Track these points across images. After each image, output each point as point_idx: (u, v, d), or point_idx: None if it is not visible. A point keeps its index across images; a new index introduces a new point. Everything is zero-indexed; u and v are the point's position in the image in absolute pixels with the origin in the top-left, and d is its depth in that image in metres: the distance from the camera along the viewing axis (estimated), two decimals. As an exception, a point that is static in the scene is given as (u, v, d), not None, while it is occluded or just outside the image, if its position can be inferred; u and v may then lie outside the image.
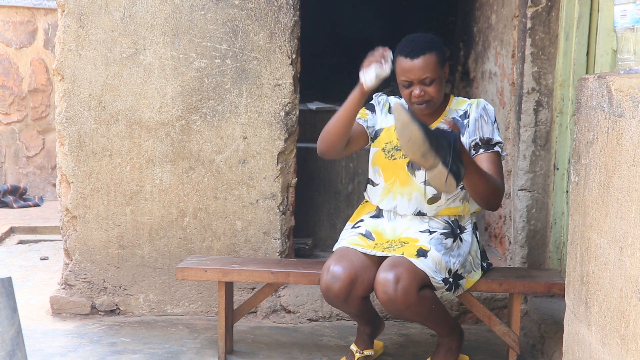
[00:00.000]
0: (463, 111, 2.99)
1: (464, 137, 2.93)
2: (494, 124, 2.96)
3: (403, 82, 2.90)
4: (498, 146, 2.94)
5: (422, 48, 2.87)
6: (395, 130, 2.77)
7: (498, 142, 2.94)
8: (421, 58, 2.85)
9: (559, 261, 3.58)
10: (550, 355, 3.16)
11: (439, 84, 2.89)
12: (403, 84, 2.90)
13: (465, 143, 2.92)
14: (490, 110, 2.98)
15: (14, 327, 1.98)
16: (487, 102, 3.01)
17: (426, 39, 2.92)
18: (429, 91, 2.87)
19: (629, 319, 1.75)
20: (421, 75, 2.85)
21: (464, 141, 2.92)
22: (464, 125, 2.95)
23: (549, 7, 3.51)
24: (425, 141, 2.54)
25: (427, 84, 2.87)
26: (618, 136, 1.85)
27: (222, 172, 3.67)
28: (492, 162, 2.91)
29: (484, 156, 2.92)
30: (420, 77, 2.86)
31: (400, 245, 2.90)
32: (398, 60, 2.90)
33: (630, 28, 2.04)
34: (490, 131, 2.94)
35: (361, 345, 3.13)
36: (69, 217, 3.72)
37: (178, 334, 3.53)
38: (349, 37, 5.97)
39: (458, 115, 2.98)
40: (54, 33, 6.64)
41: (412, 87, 2.88)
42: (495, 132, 2.95)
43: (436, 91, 2.88)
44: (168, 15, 3.60)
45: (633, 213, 1.75)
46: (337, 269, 2.82)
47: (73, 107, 3.65)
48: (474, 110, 2.97)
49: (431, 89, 2.87)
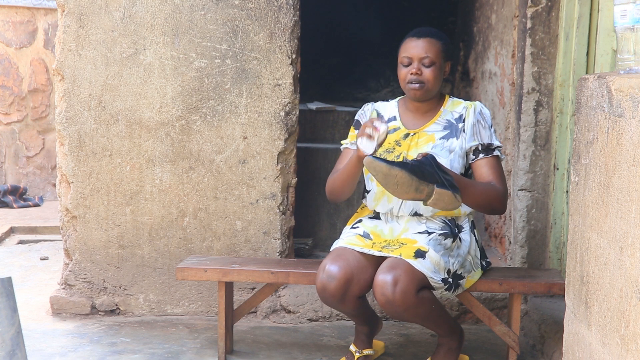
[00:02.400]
0: (458, 114, 3.00)
1: (459, 140, 2.94)
2: (491, 129, 2.99)
3: (403, 60, 2.96)
4: (497, 150, 2.97)
5: (430, 33, 2.98)
6: (379, 184, 2.83)
7: (497, 146, 2.97)
8: (427, 39, 2.95)
9: (559, 261, 3.58)
10: (550, 355, 3.16)
11: (437, 71, 2.94)
12: (403, 62, 2.96)
13: (461, 147, 2.95)
14: (487, 115, 3.01)
15: (14, 327, 1.98)
16: (483, 106, 3.03)
17: (436, 30, 3.03)
18: (425, 72, 2.93)
19: (629, 319, 1.75)
20: (422, 54, 2.92)
21: (460, 145, 2.95)
22: (458, 128, 2.96)
23: (549, 7, 3.51)
24: (412, 177, 2.64)
25: (425, 65, 2.93)
26: (618, 136, 1.85)
27: (222, 172, 3.67)
28: (492, 166, 2.95)
29: (484, 161, 2.96)
30: (421, 55, 2.92)
31: (398, 246, 2.90)
32: (404, 42, 2.99)
33: (630, 28, 2.04)
34: (488, 136, 2.97)
35: (360, 345, 3.13)
36: (69, 217, 3.72)
37: (178, 334, 3.53)
38: (348, 37, 5.98)
39: (453, 117, 3.00)
40: (54, 33, 6.64)
41: (410, 66, 2.94)
42: (493, 137, 2.98)
43: (433, 76, 2.93)
44: (168, 15, 3.60)
45: (633, 213, 1.75)
46: (333, 269, 2.82)
47: (73, 107, 3.65)
48: (470, 115, 2.98)
49: (428, 72, 2.93)
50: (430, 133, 2.97)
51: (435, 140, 2.96)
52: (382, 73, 5.97)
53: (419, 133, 2.98)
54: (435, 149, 2.93)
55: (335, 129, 4.75)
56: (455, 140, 2.95)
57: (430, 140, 2.96)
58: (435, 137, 2.96)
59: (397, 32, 6.07)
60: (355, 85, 5.95)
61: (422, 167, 2.66)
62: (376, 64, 5.99)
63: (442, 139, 2.96)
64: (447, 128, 2.98)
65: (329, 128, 4.75)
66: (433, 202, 2.67)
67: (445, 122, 2.99)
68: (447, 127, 2.98)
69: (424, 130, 2.99)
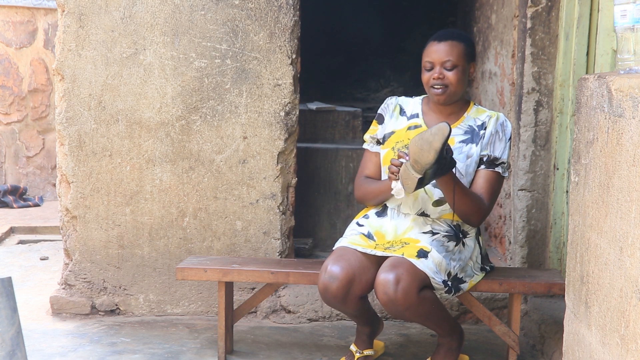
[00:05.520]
0: (481, 122, 3.00)
1: (477, 147, 2.96)
2: (507, 142, 2.99)
3: (426, 65, 2.96)
4: (501, 167, 2.97)
5: (452, 35, 2.97)
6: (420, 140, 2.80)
7: (502, 162, 2.97)
8: (448, 42, 2.94)
9: (559, 261, 3.58)
10: (550, 355, 3.16)
11: (461, 74, 2.94)
12: (425, 66, 2.96)
13: (476, 153, 2.96)
14: (508, 128, 3.01)
15: (14, 327, 1.98)
16: (506, 119, 3.03)
17: (459, 31, 3.04)
18: (448, 76, 2.92)
19: (629, 319, 1.75)
20: (444, 57, 2.92)
21: (476, 152, 2.96)
22: (479, 135, 2.97)
23: (549, 7, 3.51)
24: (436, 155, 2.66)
25: (448, 69, 2.93)
26: (618, 136, 1.85)
27: (222, 172, 3.67)
28: (488, 180, 2.96)
29: (483, 172, 2.97)
30: (443, 59, 2.92)
31: (401, 245, 2.90)
32: (426, 46, 2.99)
33: (630, 28, 2.04)
34: (501, 149, 2.98)
35: (361, 345, 3.13)
36: (69, 217, 3.72)
37: (178, 334, 3.53)
38: (349, 37, 5.98)
39: (475, 124, 3.00)
40: (54, 33, 6.64)
41: (433, 71, 2.94)
42: (505, 151, 2.98)
43: (456, 79, 2.92)
44: (168, 15, 3.60)
45: (633, 213, 1.75)
46: (335, 269, 2.82)
47: (73, 107, 3.65)
48: (492, 124, 2.99)
49: (451, 74, 2.92)
50: (451, 137, 2.97)
51: (455, 143, 2.96)
52: (382, 73, 5.97)
53: None
54: None
55: (335, 129, 4.75)
56: (474, 146, 2.96)
57: (449, 143, 2.95)
58: (455, 141, 2.96)
59: (397, 32, 6.10)
60: (355, 85, 5.95)
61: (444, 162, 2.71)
62: (376, 64, 5.99)
63: (461, 142, 2.97)
64: (468, 133, 2.99)
65: (329, 128, 4.75)
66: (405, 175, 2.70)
67: (467, 127, 3.00)
68: (468, 132, 2.99)
69: None
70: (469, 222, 2.96)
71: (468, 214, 2.91)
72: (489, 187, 2.95)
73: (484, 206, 2.93)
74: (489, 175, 2.96)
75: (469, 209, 2.89)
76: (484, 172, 2.97)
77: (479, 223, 2.97)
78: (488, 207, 2.94)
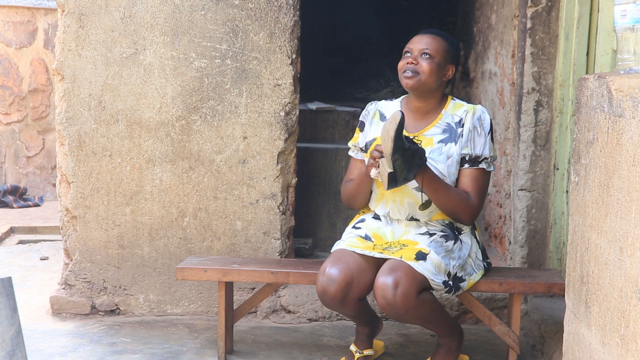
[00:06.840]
0: (459, 118, 2.97)
1: (457, 146, 2.94)
2: (488, 136, 2.96)
3: (404, 53, 2.97)
4: (484, 162, 2.95)
5: (436, 31, 3.00)
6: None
7: (485, 158, 2.95)
8: (431, 36, 2.96)
9: (559, 261, 3.58)
10: (550, 355, 3.16)
11: (436, 67, 2.92)
12: (404, 54, 2.97)
13: (456, 152, 2.94)
14: (486, 121, 2.97)
15: (14, 327, 1.98)
16: (484, 110, 2.99)
17: (447, 34, 3.05)
18: (422, 63, 2.92)
19: (629, 319, 1.75)
20: (422, 47, 2.93)
21: (456, 151, 2.94)
22: (457, 134, 2.96)
23: (549, 7, 3.51)
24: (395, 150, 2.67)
25: (424, 58, 2.92)
26: (618, 136, 1.85)
27: (222, 172, 3.67)
28: (473, 178, 2.94)
29: (468, 171, 2.95)
30: (421, 48, 2.93)
31: (399, 247, 2.90)
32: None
33: (630, 28, 2.04)
34: (482, 144, 2.94)
35: (360, 346, 3.13)
36: (69, 217, 3.72)
37: (178, 334, 3.53)
38: (349, 37, 5.98)
39: (453, 121, 2.97)
40: (54, 33, 6.64)
41: (408, 58, 2.94)
42: (486, 146, 2.95)
43: (429, 69, 2.91)
44: (168, 15, 3.60)
45: (633, 213, 1.75)
46: (333, 272, 2.82)
47: (73, 107, 3.65)
48: (469, 119, 2.95)
49: (425, 63, 2.92)
50: (429, 137, 2.96)
51: (434, 144, 2.95)
52: (382, 73, 5.97)
53: (418, 136, 2.97)
54: (432, 154, 2.92)
55: (335, 129, 4.75)
56: (453, 145, 2.94)
57: (428, 144, 2.95)
58: (433, 141, 2.95)
59: (397, 32, 6.10)
60: (355, 85, 5.95)
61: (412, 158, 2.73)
62: (376, 64, 5.99)
63: (440, 142, 2.95)
64: (447, 132, 2.96)
65: (329, 128, 4.75)
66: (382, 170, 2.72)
67: (445, 125, 2.97)
68: (446, 130, 2.96)
69: (424, 134, 2.98)
70: (460, 221, 2.95)
71: (456, 212, 2.90)
72: (475, 185, 2.93)
73: (472, 203, 2.91)
74: (473, 174, 2.94)
75: (455, 207, 2.88)
76: (468, 171, 2.95)
77: (471, 221, 2.96)
78: (477, 204, 2.93)
